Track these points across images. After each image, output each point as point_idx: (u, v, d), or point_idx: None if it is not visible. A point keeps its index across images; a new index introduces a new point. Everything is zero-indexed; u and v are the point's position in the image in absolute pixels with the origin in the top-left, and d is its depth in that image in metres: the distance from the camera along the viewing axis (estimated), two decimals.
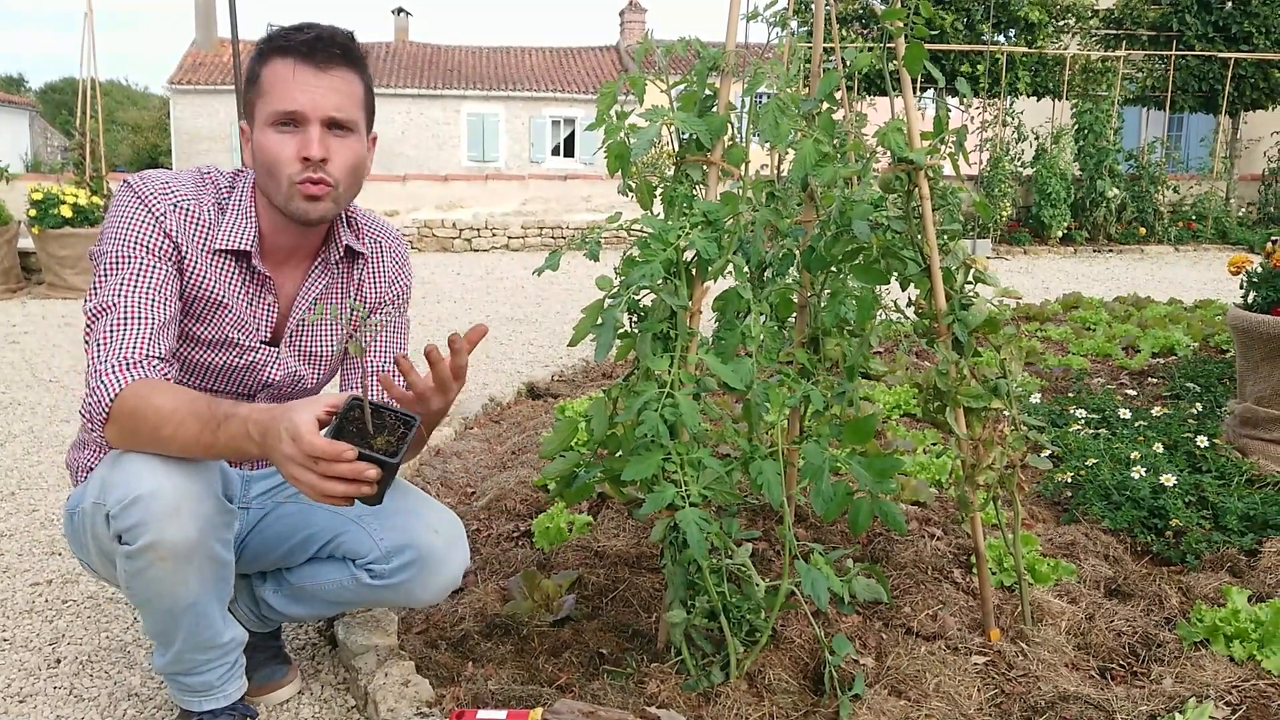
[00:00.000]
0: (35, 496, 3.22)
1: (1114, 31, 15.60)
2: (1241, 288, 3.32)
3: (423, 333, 6.51)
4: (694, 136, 1.80)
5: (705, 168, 1.82)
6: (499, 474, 3.16)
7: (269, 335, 1.80)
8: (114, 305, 1.57)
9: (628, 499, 1.89)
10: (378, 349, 1.89)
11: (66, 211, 7.92)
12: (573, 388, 4.55)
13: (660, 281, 1.68)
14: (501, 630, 2.08)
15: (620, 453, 1.83)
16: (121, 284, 1.59)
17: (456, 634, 2.08)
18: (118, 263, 1.61)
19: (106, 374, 1.52)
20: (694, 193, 1.81)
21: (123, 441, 1.53)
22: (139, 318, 1.57)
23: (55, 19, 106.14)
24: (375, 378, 1.79)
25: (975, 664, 1.92)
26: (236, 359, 1.77)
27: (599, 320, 1.72)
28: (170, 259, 1.64)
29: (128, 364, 1.53)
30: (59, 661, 2.11)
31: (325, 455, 1.33)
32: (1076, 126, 13.56)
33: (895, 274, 1.91)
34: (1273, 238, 3.43)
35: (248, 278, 1.74)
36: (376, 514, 1.77)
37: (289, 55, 1.61)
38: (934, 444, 3.30)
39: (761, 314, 1.73)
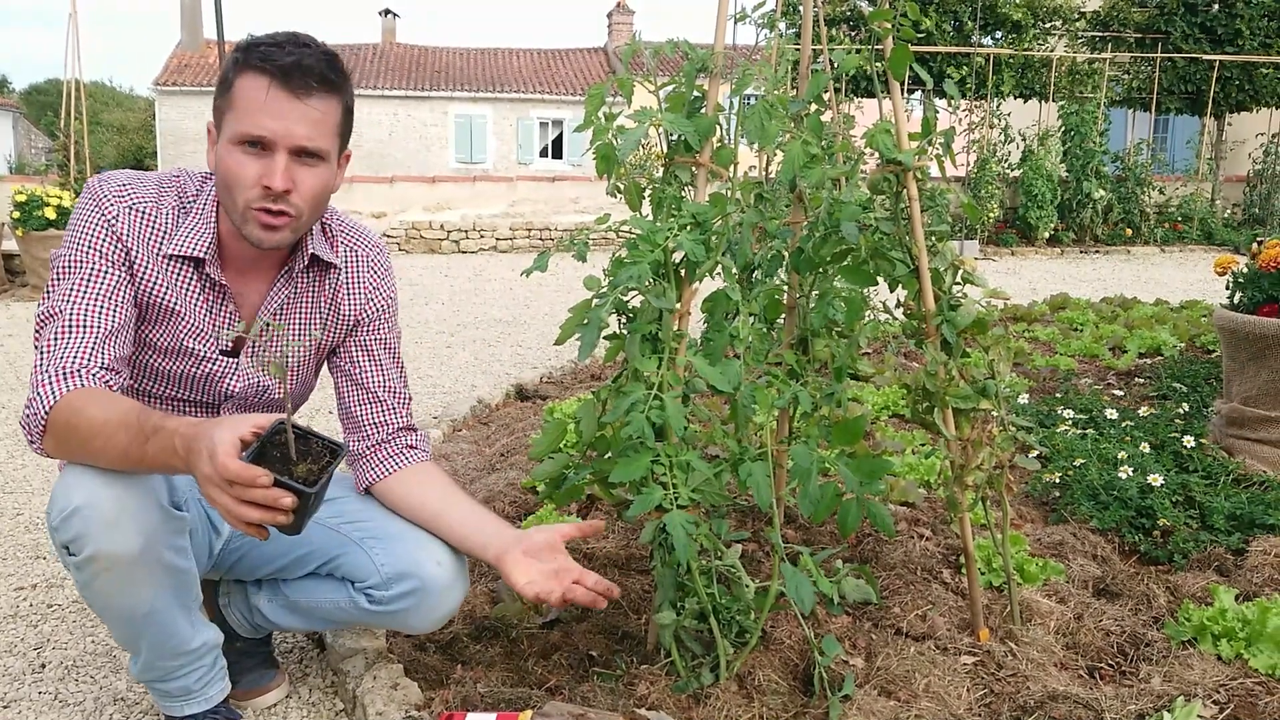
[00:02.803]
0: (19, 500, 3.19)
1: (1100, 33, 15.68)
2: (1228, 288, 3.34)
3: (410, 335, 6.50)
4: (682, 138, 1.79)
5: (694, 169, 1.82)
6: (488, 476, 3.15)
7: (229, 345, 1.74)
8: (60, 311, 1.53)
9: (617, 501, 1.89)
10: (375, 368, 1.83)
11: (50, 213, 7.87)
12: (561, 389, 4.54)
13: (648, 283, 1.68)
14: (490, 633, 2.08)
15: (609, 454, 1.83)
16: (70, 289, 1.55)
17: (445, 636, 2.07)
18: (69, 267, 1.56)
19: (44, 385, 1.48)
20: (682, 194, 1.80)
21: (61, 454, 1.49)
22: (84, 325, 1.52)
23: (39, 18, 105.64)
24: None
25: (964, 664, 1.92)
26: (194, 368, 1.71)
27: (584, 320, 1.71)
28: (121, 264, 1.59)
29: (65, 374, 1.48)
30: (44, 666, 2.10)
31: (239, 479, 1.27)
32: (1063, 128, 13.63)
33: (883, 275, 1.91)
34: (1258, 238, 3.45)
35: (205, 285, 1.68)
36: (381, 539, 1.73)
37: (264, 74, 1.52)
38: (923, 445, 3.31)
39: (751, 315, 1.73)
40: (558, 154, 29.44)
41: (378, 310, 1.84)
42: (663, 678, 1.81)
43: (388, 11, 31.99)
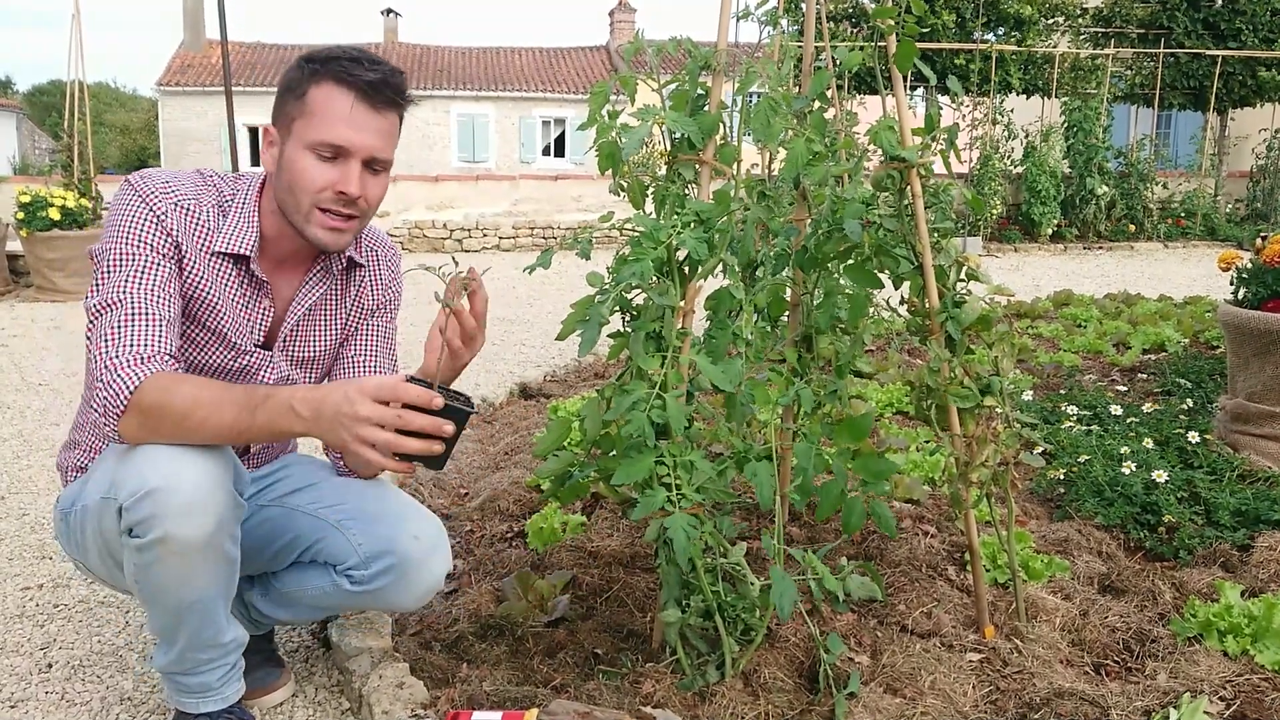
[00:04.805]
0: (25, 500, 3.20)
1: (1103, 29, 15.65)
2: (1232, 284, 3.33)
3: (415, 334, 6.49)
4: (685, 136, 1.79)
5: (697, 167, 1.82)
6: (492, 474, 3.15)
7: (262, 338, 1.79)
8: (120, 301, 1.56)
9: (622, 498, 1.89)
10: (370, 353, 1.91)
11: (55, 214, 7.88)
12: (565, 388, 4.54)
13: (652, 280, 1.68)
14: (496, 631, 2.08)
15: (614, 453, 1.83)
16: (126, 280, 1.58)
17: (451, 635, 2.08)
18: (121, 259, 1.60)
19: (122, 368, 1.50)
20: (685, 192, 1.80)
21: (141, 434, 1.51)
22: (146, 314, 1.56)
23: (42, 19, 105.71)
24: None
25: (970, 661, 1.92)
26: (231, 361, 1.76)
27: (586, 316, 1.71)
28: (171, 257, 1.64)
29: (142, 358, 1.52)
30: (50, 666, 2.10)
31: (417, 401, 1.40)
32: (1066, 124, 13.61)
33: (887, 272, 1.91)
34: (1262, 234, 3.45)
35: (245, 281, 1.74)
36: (359, 519, 1.76)
37: (347, 88, 1.62)
38: (927, 442, 3.31)
39: (754, 313, 1.73)
40: (560, 152, 29.42)
41: (387, 301, 1.94)
42: (668, 676, 1.81)
43: (390, 11, 31.99)
